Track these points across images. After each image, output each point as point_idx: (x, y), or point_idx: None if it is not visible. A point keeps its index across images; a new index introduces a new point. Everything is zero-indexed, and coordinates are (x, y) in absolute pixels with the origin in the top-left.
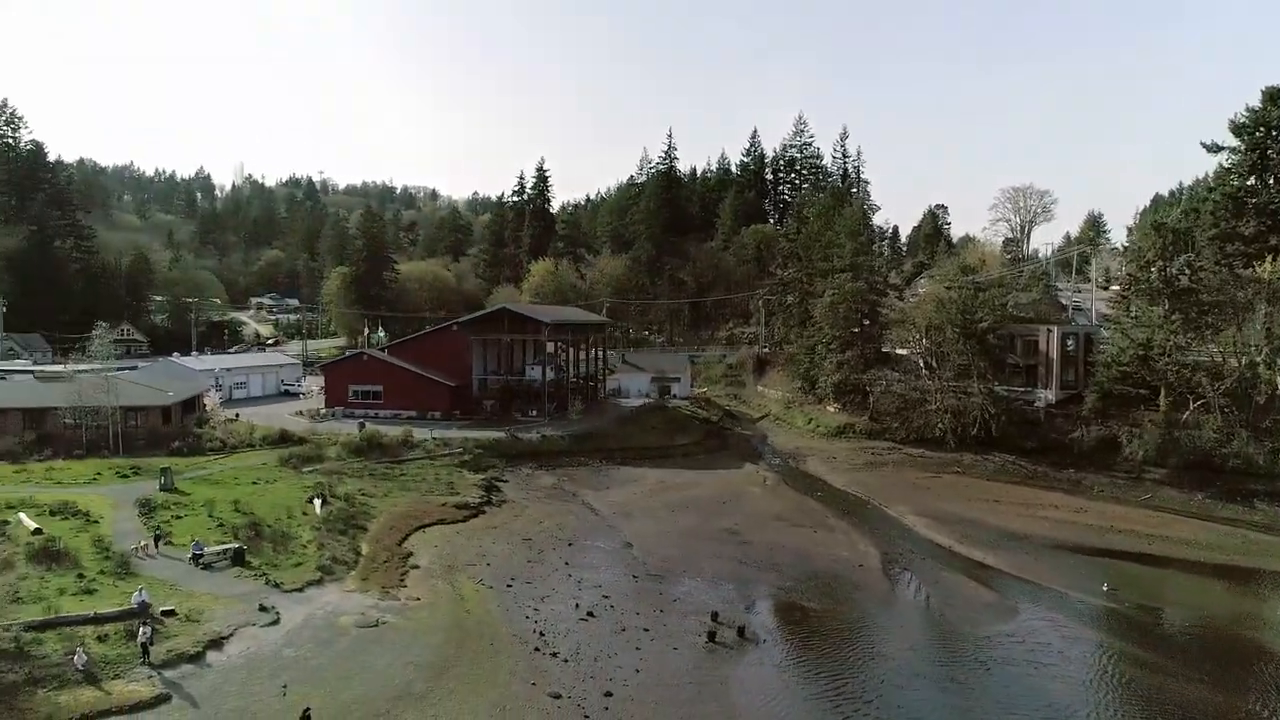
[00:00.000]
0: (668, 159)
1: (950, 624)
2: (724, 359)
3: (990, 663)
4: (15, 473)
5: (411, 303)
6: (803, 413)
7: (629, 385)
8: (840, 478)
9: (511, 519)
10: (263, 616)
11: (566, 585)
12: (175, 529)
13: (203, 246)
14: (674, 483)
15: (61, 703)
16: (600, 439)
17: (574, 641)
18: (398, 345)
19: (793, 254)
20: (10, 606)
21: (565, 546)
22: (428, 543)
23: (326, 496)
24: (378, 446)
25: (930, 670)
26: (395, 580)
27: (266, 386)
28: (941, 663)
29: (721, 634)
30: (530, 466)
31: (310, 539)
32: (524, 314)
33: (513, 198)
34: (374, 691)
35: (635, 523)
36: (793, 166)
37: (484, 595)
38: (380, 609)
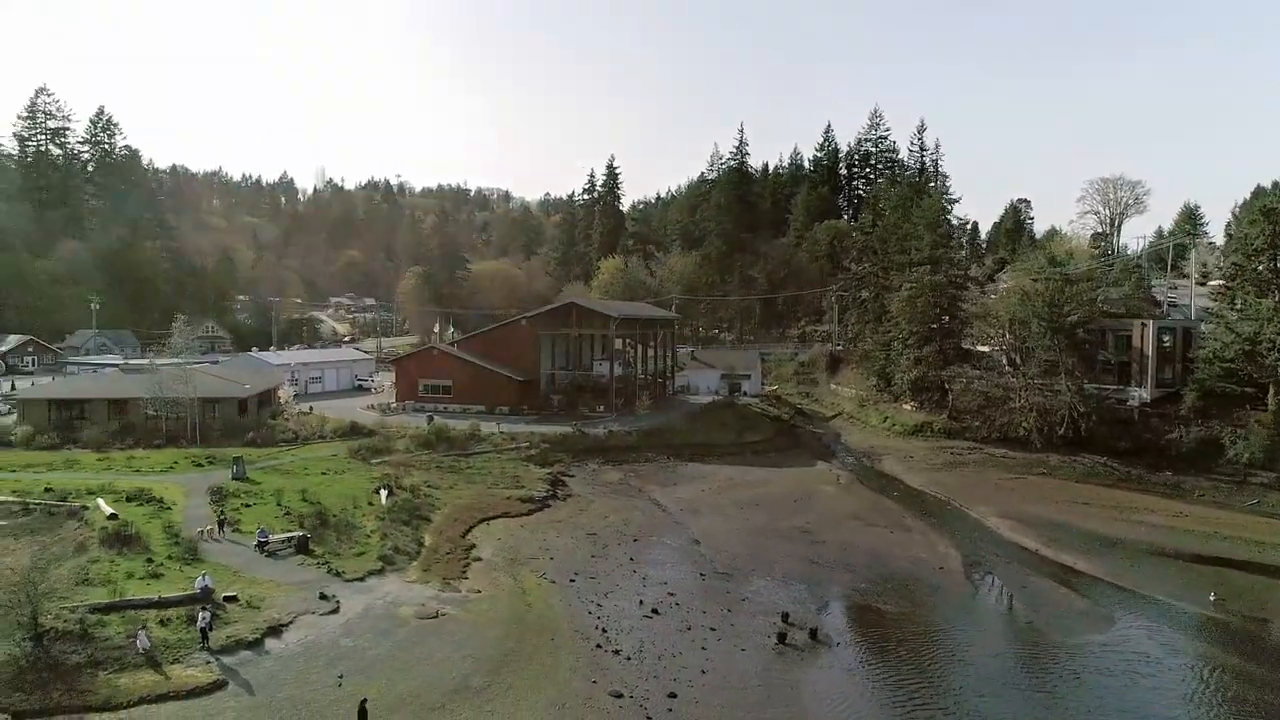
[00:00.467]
0: (739, 154)
1: (1038, 631)
2: (796, 356)
3: (1083, 673)
4: (99, 460)
5: (483, 301)
6: (878, 411)
7: (698, 382)
8: (917, 477)
9: (576, 514)
10: (322, 605)
11: (631, 582)
12: (243, 517)
13: (285, 248)
14: (744, 480)
15: (120, 685)
16: (668, 435)
17: (637, 639)
18: (467, 340)
19: (867, 248)
20: (79, 588)
21: (630, 542)
22: (491, 535)
23: (393, 488)
24: (445, 440)
25: (1016, 679)
26: (457, 572)
27: (341, 381)
28: (1029, 671)
29: (792, 635)
30: (597, 462)
31: (374, 529)
32: (592, 308)
33: (583, 196)
34: (431, 684)
35: (703, 520)
36: (867, 161)
37: (546, 589)
38: (440, 600)
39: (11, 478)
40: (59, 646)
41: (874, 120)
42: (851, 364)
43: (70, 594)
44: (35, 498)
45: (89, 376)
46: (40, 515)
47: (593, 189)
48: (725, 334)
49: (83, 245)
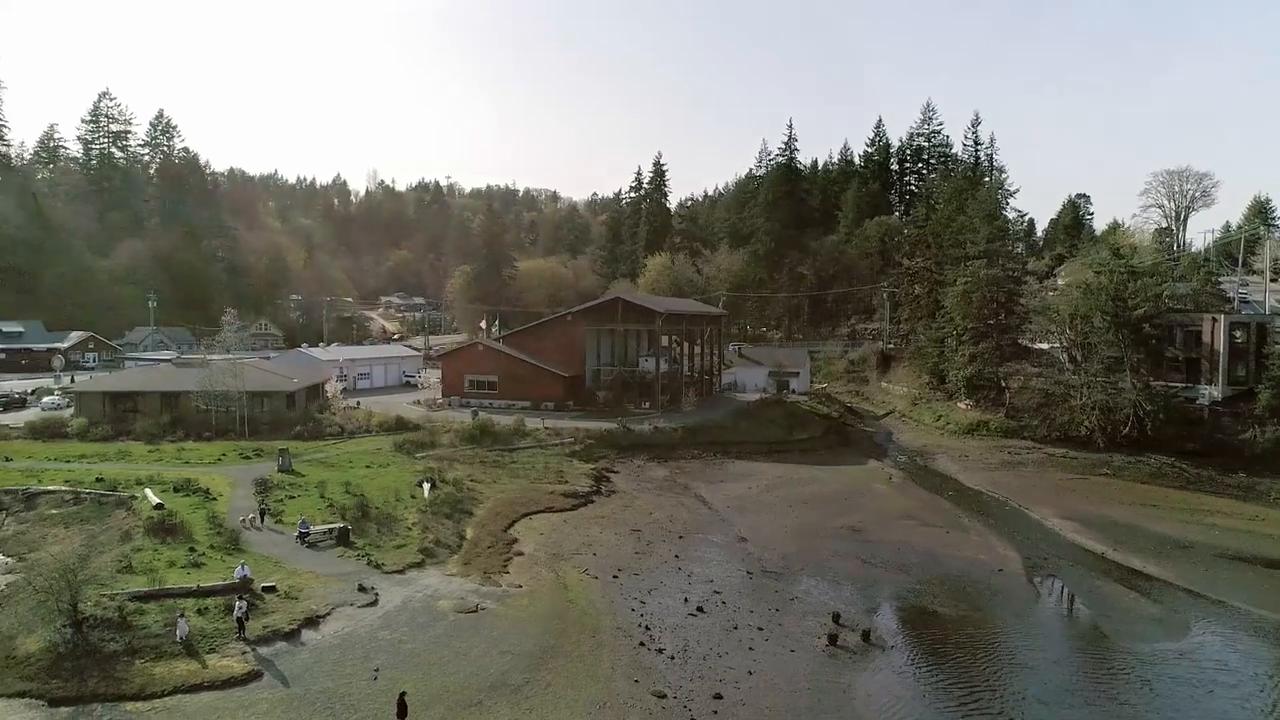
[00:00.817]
0: (788, 150)
1: (1106, 637)
2: (846, 354)
3: (1156, 681)
4: (149, 452)
5: (530, 299)
6: (931, 409)
7: (745, 379)
8: (974, 477)
9: (620, 510)
10: (361, 597)
11: (676, 579)
12: (287, 508)
13: (337, 248)
14: (792, 478)
15: (156, 674)
16: (715, 432)
17: (682, 638)
18: (513, 336)
19: (921, 241)
20: (120, 576)
21: (676, 539)
22: (534, 530)
23: (436, 481)
24: (490, 434)
25: (1083, 686)
26: (498, 566)
27: (389, 377)
28: (1096, 679)
29: (844, 637)
30: (642, 458)
31: (415, 522)
32: (638, 303)
33: (630, 194)
34: (468, 679)
35: (750, 517)
36: (920, 156)
37: (588, 585)
38: (480, 594)
39: (65, 468)
40: (97, 634)
41: (927, 114)
42: (903, 362)
43: (111, 582)
44: (86, 487)
45: (142, 370)
46: (90, 505)
47: (639, 186)
48: (773, 332)
49: (142, 245)
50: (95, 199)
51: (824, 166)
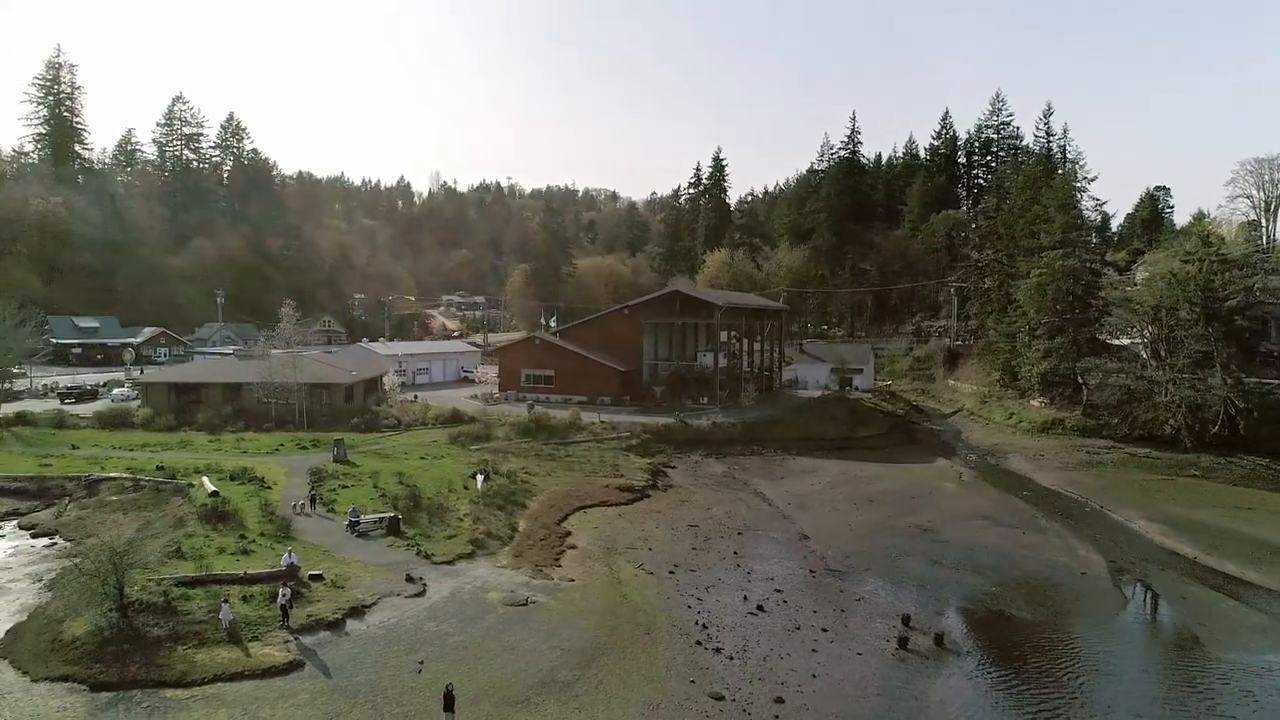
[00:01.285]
0: (850, 143)
1: (1203, 647)
2: (910, 351)
3: (1261, 693)
4: (210, 441)
5: (589, 297)
6: (1002, 407)
7: (806, 376)
8: (1049, 476)
9: (677, 504)
10: (408, 587)
11: (734, 576)
12: (339, 497)
13: (400, 247)
14: (857, 475)
15: (197, 661)
16: (775, 428)
17: (741, 637)
18: (569, 330)
19: (991, 233)
20: (169, 562)
21: (734, 535)
22: (588, 523)
23: (489, 473)
24: (545, 428)
25: (1178, 697)
26: (550, 559)
27: (447, 373)
28: (1193, 689)
29: (915, 641)
30: (700, 453)
31: (467, 513)
32: (696, 296)
33: (689, 190)
34: (516, 675)
35: (813, 514)
36: (988, 148)
37: (643, 581)
38: (531, 588)
39: (128, 456)
40: (142, 619)
41: (996, 105)
42: (972, 359)
43: (159, 567)
44: (146, 475)
45: (206, 362)
46: (149, 491)
47: (698, 182)
48: (835, 330)
49: (212, 244)
50: (168, 199)
51: (888, 161)
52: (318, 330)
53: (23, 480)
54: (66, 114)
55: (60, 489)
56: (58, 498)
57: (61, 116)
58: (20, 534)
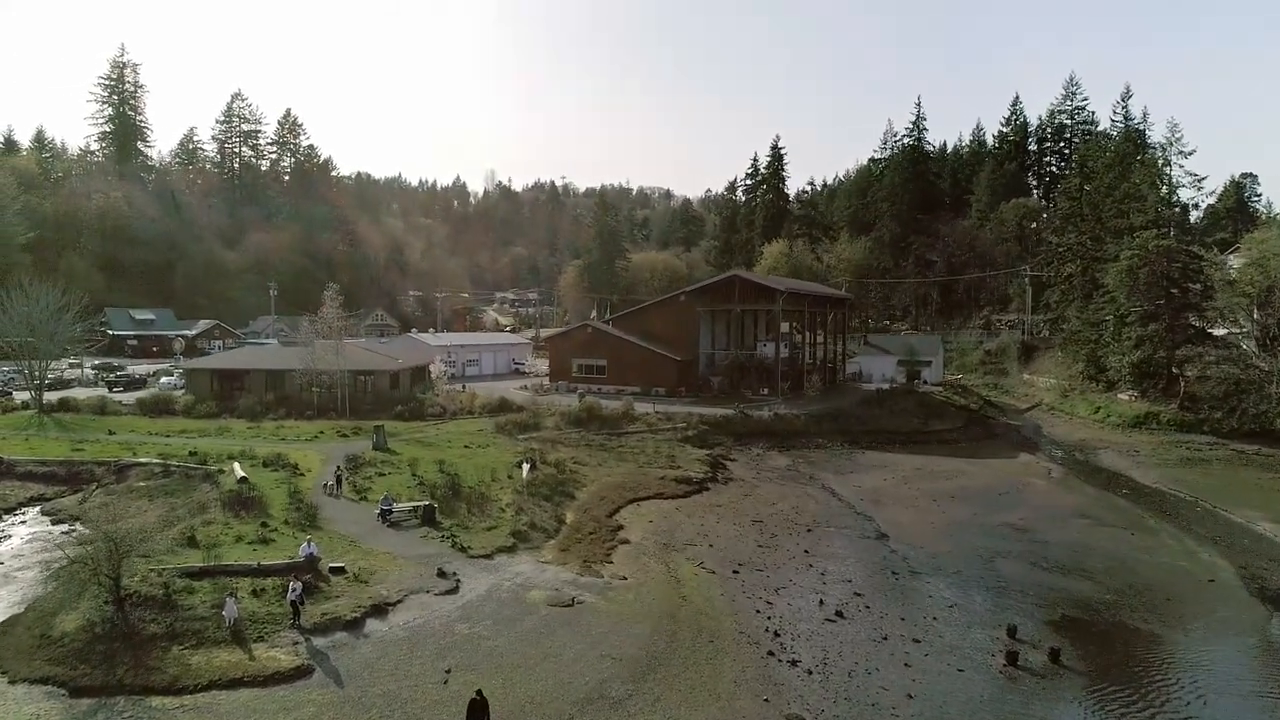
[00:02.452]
0: (915, 130)
1: None
2: (981, 345)
3: None
4: (249, 428)
5: (643, 291)
6: (1086, 400)
7: (871, 368)
8: (1149, 474)
9: (739, 498)
10: (439, 583)
11: (807, 577)
12: (374, 485)
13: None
14: (934, 470)
15: (193, 664)
16: (842, 420)
17: (819, 648)
18: (622, 318)
19: (1074, 215)
20: (180, 550)
21: (804, 533)
22: (641, 517)
23: (536, 462)
24: (597, 418)
25: None
26: (600, 555)
27: (498, 365)
28: None
29: (1025, 656)
30: (761, 446)
31: (509, 503)
32: (757, 281)
33: (745, 181)
34: (559, 688)
35: (889, 511)
36: (1061, 134)
37: (705, 581)
38: (578, 586)
39: (164, 442)
40: (139, 613)
41: (1069, 89)
42: (1049, 351)
43: (169, 556)
44: (178, 461)
45: (249, 349)
46: (178, 478)
47: (755, 173)
48: (899, 324)
49: (268, 238)
50: (226, 195)
51: (954, 149)
52: (370, 324)
53: (52, 465)
54: (130, 112)
55: (90, 474)
56: (86, 483)
57: (125, 115)
58: (42, 520)
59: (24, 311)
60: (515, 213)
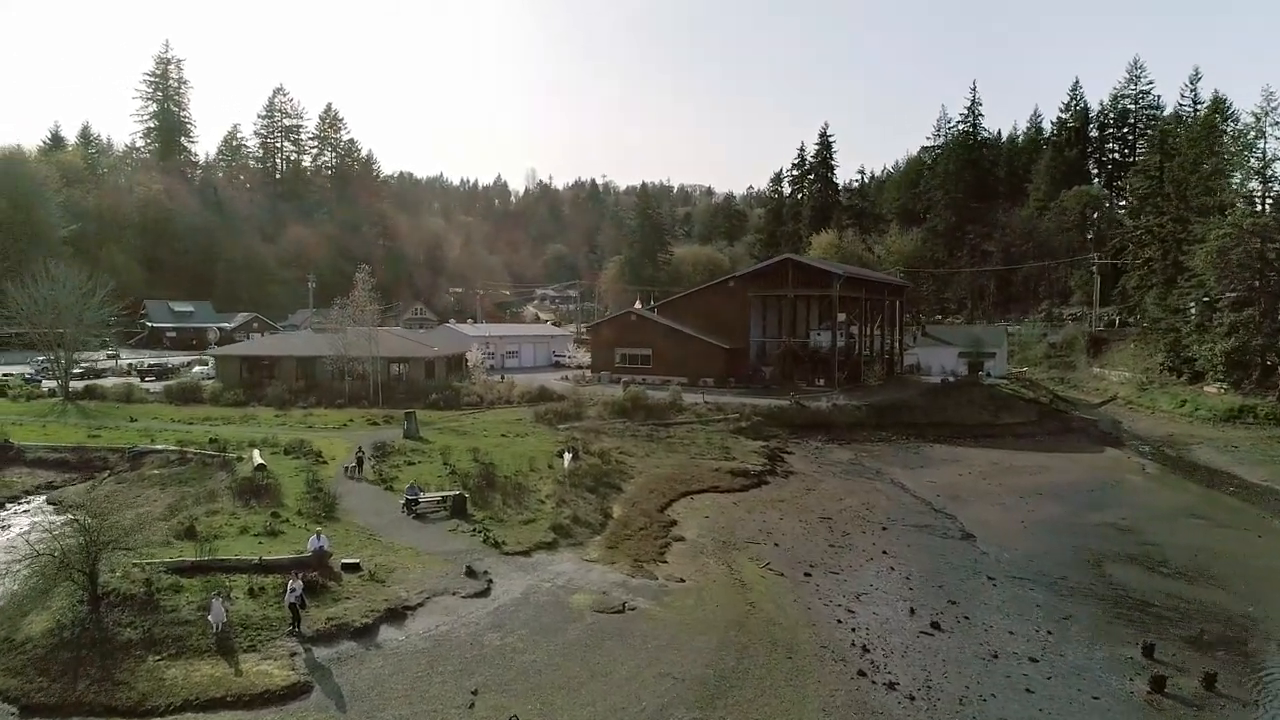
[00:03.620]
0: (970, 115)
1: None
2: (1045, 337)
3: None
4: (275, 416)
5: (685, 285)
6: (1169, 394)
7: (930, 361)
8: (1257, 471)
9: (802, 493)
10: (467, 584)
11: (889, 581)
12: (402, 474)
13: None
14: (1013, 465)
15: (167, 678)
16: (905, 412)
17: (918, 666)
18: (667, 304)
19: (1152, 195)
20: (175, 542)
21: (878, 530)
22: (696, 511)
23: (578, 451)
24: (642, 408)
25: None
26: (652, 553)
27: (538, 357)
28: None
29: (1174, 682)
30: (819, 438)
31: (550, 494)
32: (811, 264)
33: (792, 171)
34: (609, 715)
35: (971, 508)
36: (1125, 119)
37: (773, 584)
38: (629, 589)
39: (185, 429)
40: (115, 615)
41: (1133, 73)
42: (1121, 343)
43: (159, 549)
44: (196, 448)
45: (279, 336)
46: (194, 465)
47: (802, 163)
48: (954, 317)
49: (308, 233)
50: (267, 189)
51: (1009, 137)
52: (409, 318)
53: (64, 451)
54: (174, 108)
55: (103, 461)
56: (99, 470)
57: (169, 111)
58: (47, 509)
59: (49, 295)
60: (555, 211)
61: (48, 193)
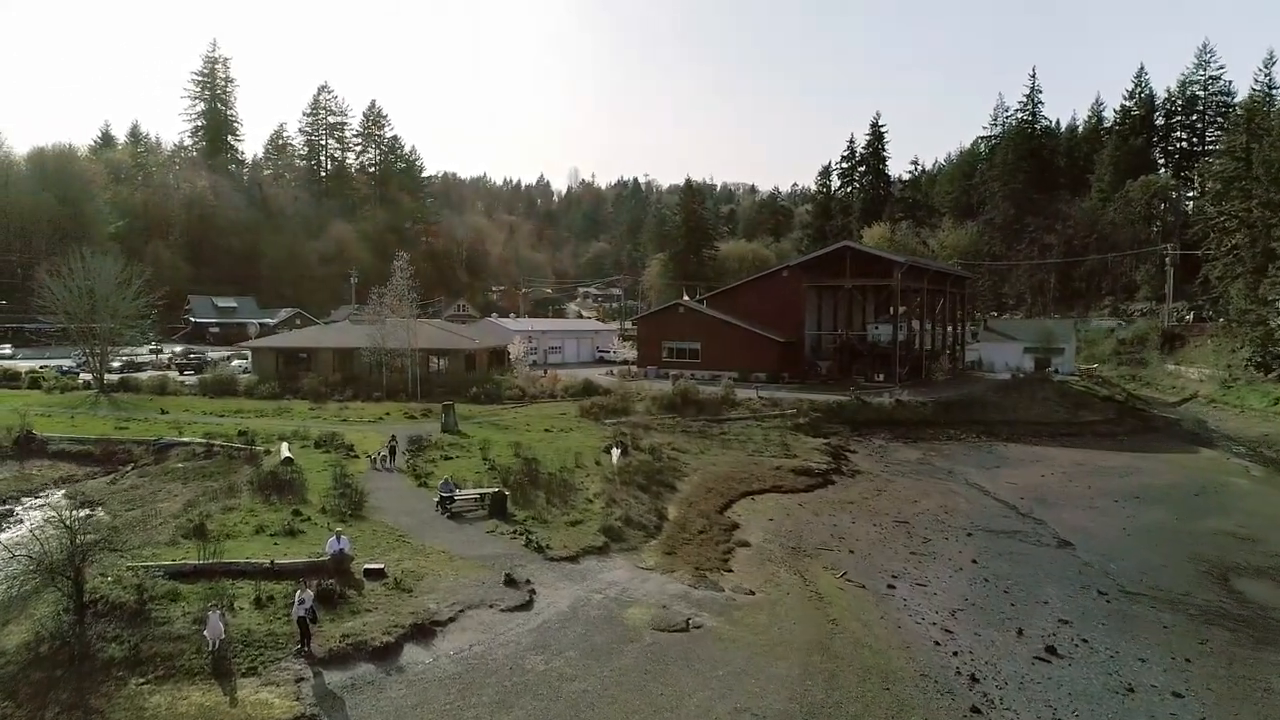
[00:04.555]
0: (1030, 103)
1: None
2: (1113, 332)
3: None
4: (309, 409)
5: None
6: (1258, 391)
7: (993, 356)
8: None
9: (872, 494)
10: (507, 594)
11: (985, 595)
12: (438, 469)
13: (539, 241)
14: (1099, 465)
15: (149, 707)
16: (974, 409)
17: (1040, 701)
18: (717, 297)
19: (1237, 178)
20: (182, 542)
21: (963, 536)
22: (759, 513)
23: (627, 446)
24: (693, 403)
25: None
26: (715, 560)
27: (581, 352)
28: None
29: None
30: (883, 436)
31: (599, 492)
32: (872, 253)
33: (840, 164)
34: None
35: (1062, 513)
36: (1194, 106)
37: (855, 598)
38: (692, 602)
39: (215, 421)
40: (100, 627)
41: (1202, 57)
42: (1200, 339)
43: (162, 551)
44: (223, 441)
45: (316, 328)
46: (220, 459)
47: (852, 155)
48: (1012, 314)
49: (352, 228)
50: (312, 186)
51: (1067, 126)
52: (451, 315)
53: (89, 444)
54: (220, 106)
55: (127, 454)
56: (123, 463)
57: (216, 109)
58: (63, 504)
59: (83, 285)
60: (598, 209)
61: (95, 189)
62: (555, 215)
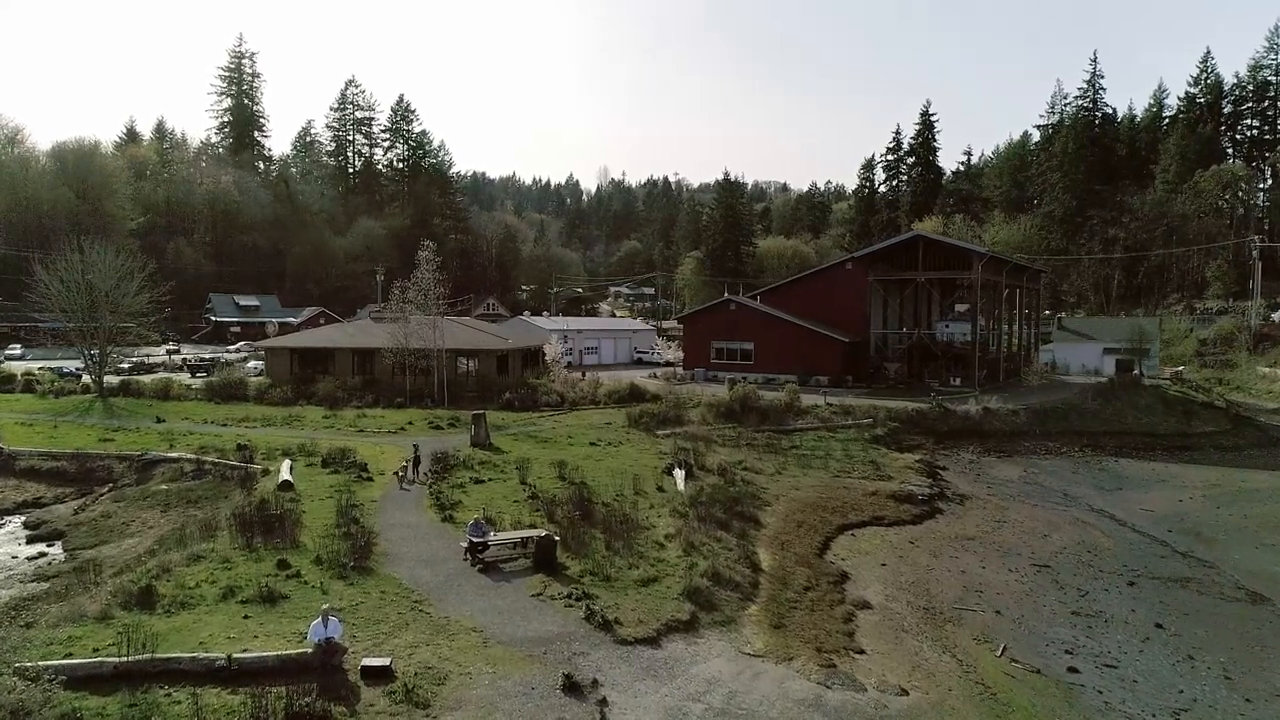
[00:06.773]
0: (1090, 89)
1: None
2: (1193, 332)
3: None
4: (324, 417)
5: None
6: None
7: (1068, 357)
8: None
9: (991, 526)
10: (569, 708)
11: (1206, 685)
12: (469, 498)
13: (568, 240)
14: (1240, 487)
15: None
16: (1072, 418)
17: None
18: (771, 293)
19: None
20: (115, 615)
21: (1123, 585)
22: (865, 555)
23: (692, 467)
24: (754, 410)
25: None
26: (838, 633)
27: (619, 353)
28: None
29: None
30: (972, 449)
31: (671, 533)
32: (949, 243)
33: (886, 156)
34: None
35: (1230, 552)
36: (1265, 92)
37: (1035, 692)
38: (830, 712)
39: (215, 431)
40: None
41: (1273, 41)
42: None
43: (86, 630)
44: (219, 456)
45: (335, 327)
46: (211, 479)
47: (898, 147)
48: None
49: (379, 225)
50: (339, 182)
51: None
52: (481, 314)
53: (63, 459)
54: (247, 102)
55: (106, 472)
56: (101, 482)
57: (242, 105)
58: (19, 536)
59: (80, 278)
60: (628, 207)
61: (117, 185)
62: (585, 214)
